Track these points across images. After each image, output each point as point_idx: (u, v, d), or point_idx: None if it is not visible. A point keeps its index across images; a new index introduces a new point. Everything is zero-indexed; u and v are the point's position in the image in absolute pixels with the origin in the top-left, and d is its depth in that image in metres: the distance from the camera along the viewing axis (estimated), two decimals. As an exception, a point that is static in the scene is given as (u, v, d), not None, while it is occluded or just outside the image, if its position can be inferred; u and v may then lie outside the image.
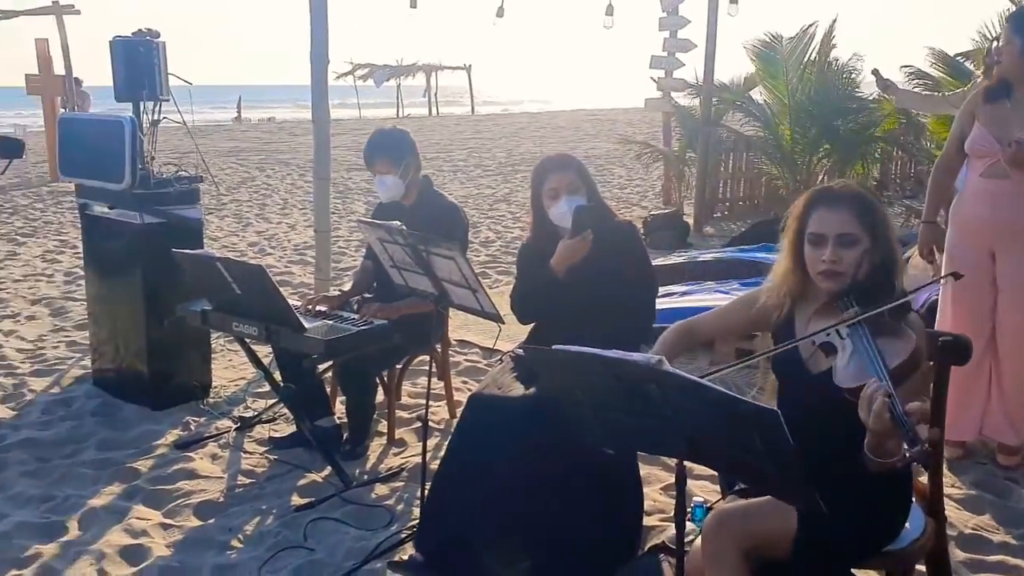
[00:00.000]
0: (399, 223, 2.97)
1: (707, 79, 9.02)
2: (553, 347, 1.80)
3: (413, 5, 8.43)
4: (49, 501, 3.28)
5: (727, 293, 5.27)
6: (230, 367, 4.84)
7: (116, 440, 3.87)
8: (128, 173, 3.99)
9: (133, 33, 5.06)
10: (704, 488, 3.30)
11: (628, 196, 11.96)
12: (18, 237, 8.97)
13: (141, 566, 2.85)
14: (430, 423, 3.95)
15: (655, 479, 3.41)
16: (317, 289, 5.56)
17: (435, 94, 39.12)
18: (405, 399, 4.27)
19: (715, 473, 2.76)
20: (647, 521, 3.03)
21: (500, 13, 10.51)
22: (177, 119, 4.67)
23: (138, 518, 3.14)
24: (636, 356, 1.69)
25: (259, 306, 3.36)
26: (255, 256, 7.99)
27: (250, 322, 3.41)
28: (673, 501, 1.87)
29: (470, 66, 39.84)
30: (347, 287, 4.16)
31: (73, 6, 11.91)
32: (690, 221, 8.99)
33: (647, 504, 3.07)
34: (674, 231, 8.31)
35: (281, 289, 3.35)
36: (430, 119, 34.89)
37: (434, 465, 3.14)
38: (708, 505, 2.69)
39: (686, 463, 1.84)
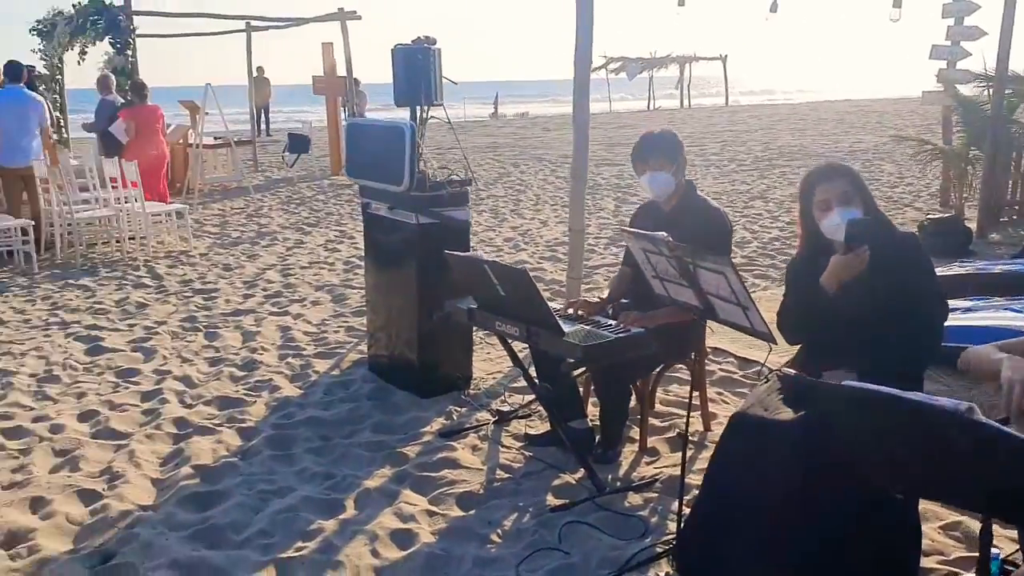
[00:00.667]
0: (665, 235, 2.92)
1: (1000, 69, 8.12)
2: (844, 383, 1.68)
3: (681, 3, 8.31)
4: (330, 479, 3.59)
5: (1021, 312, 4.73)
6: (488, 360, 5.04)
7: (388, 424, 4.16)
8: (407, 176, 4.26)
9: (412, 41, 5.39)
10: (1000, 537, 2.98)
11: (899, 196, 11.08)
12: (304, 227, 9.91)
13: (410, 550, 3.05)
14: (683, 434, 3.91)
15: (933, 515, 3.13)
16: (569, 287, 5.66)
17: (688, 85, 38.48)
18: (658, 407, 4.23)
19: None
20: (924, 562, 2.78)
21: (774, 8, 10.13)
22: (442, 116, 4.95)
23: (406, 503, 3.35)
24: (943, 401, 1.54)
25: (521, 307, 3.46)
26: (510, 252, 8.27)
27: (512, 322, 3.52)
28: (953, 542, 1.69)
29: (725, 56, 38.75)
30: (596, 286, 4.18)
31: (355, 12, 12.92)
32: (972, 226, 8.16)
33: (924, 543, 2.82)
34: (953, 237, 7.59)
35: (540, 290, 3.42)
36: (681, 111, 34.37)
37: (689, 478, 3.09)
38: (1003, 557, 2.42)
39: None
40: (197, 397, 4.58)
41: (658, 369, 3.94)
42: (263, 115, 22.41)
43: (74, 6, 11.84)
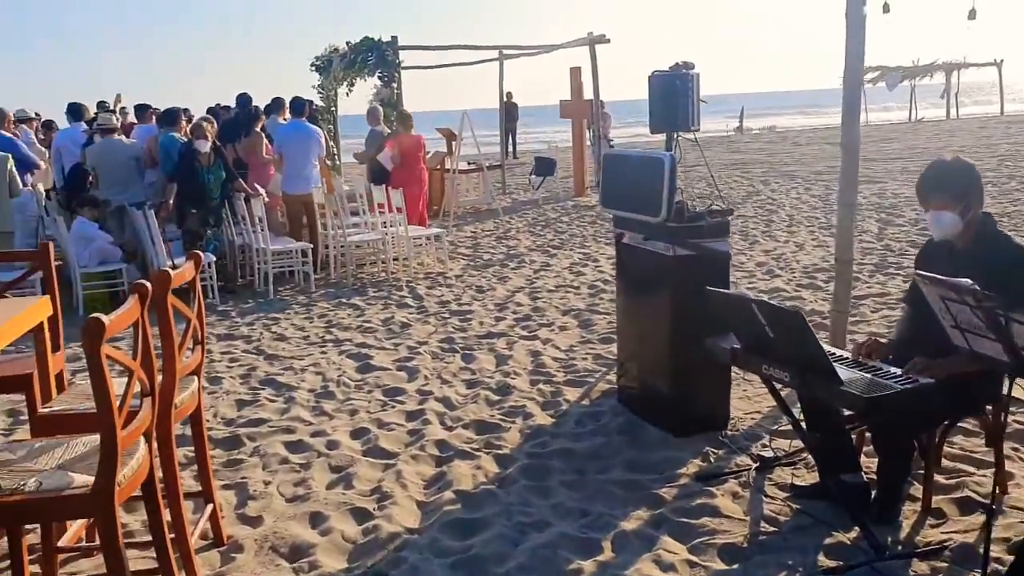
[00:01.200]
0: (970, 282, 2.61)
1: None
2: None
3: (972, 15, 7.63)
4: (586, 516, 3.56)
5: None
6: (744, 397, 4.82)
7: (641, 462, 4.07)
8: (665, 208, 4.17)
9: (670, 67, 5.29)
10: None
11: None
12: (550, 249, 10.09)
13: (673, 602, 2.93)
14: (975, 495, 3.50)
15: None
16: (834, 321, 5.28)
17: (955, 94, 35.26)
18: (943, 462, 3.82)
19: None
20: None
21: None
22: (687, 136, 4.81)
23: (665, 550, 3.24)
24: None
25: (792, 351, 3.25)
26: (763, 278, 7.92)
27: (781, 366, 3.31)
28: None
29: (1001, 61, 35.09)
30: (863, 319, 3.84)
31: (604, 35, 13.04)
32: None
33: None
34: None
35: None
36: (948, 122, 31.56)
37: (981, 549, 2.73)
38: None
39: None
40: (456, 420, 4.74)
41: (946, 422, 3.55)
42: (510, 138, 23.23)
43: (348, 43, 12.89)
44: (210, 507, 3.45)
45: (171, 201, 8.75)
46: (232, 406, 5.13)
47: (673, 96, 5.06)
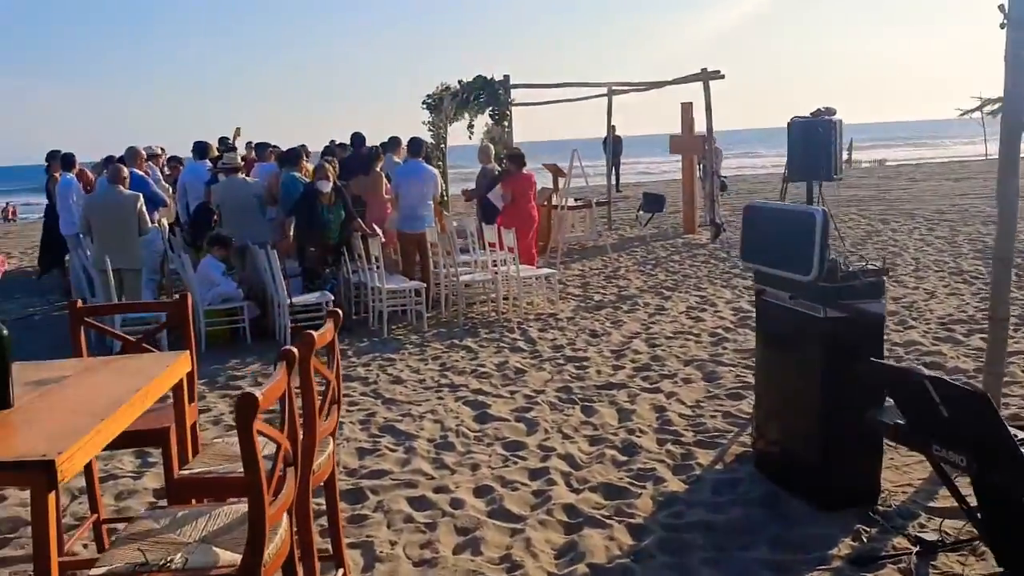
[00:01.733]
0: None
1: None
2: None
3: None
4: (735, 601, 3.31)
5: None
6: (893, 467, 4.47)
7: (787, 539, 3.79)
8: (816, 265, 3.91)
9: (812, 113, 5.04)
10: None
11: None
12: (663, 290, 9.83)
13: None
14: None
15: None
16: (986, 383, 4.87)
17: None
18: None
19: None
20: None
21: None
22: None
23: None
24: None
25: (971, 433, 2.95)
26: (896, 329, 7.47)
27: (956, 449, 3.02)
28: None
29: None
30: (1014, 379, 3.48)
31: (719, 71, 12.76)
32: None
33: None
34: None
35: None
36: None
37: None
38: None
39: None
40: (583, 481, 4.55)
41: None
42: (615, 171, 23.03)
43: (460, 82, 12.99)
44: (340, 572, 3.35)
45: (291, 237, 8.91)
46: (353, 455, 5.07)
47: (815, 144, 4.82)
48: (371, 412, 5.86)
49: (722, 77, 12.78)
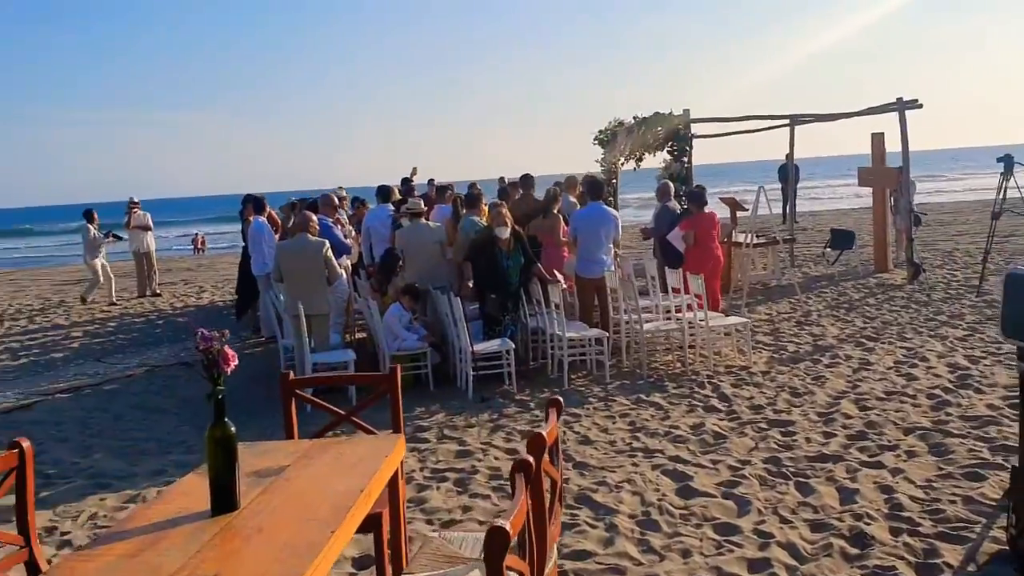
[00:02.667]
0: None
1: None
2: None
3: None
4: None
5: None
6: None
7: None
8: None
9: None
10: None
11: None
12: (863, 340, 9.07)
13: None
14: None
15: None
16: None
17: None
18: None
19: None
20: None
21: None
22: None
23: None
24: None
25: None
26: None
27: None
28: None
29: None
30: None
31: (917, 101, 11.84)
32: None
33: None
34: None
35: None
36: None
37: None
38: None
39: None
40: (811, 579, 4.07)
41: None
42: (790, 202, 21.96)
43: (634, 117, 12.69)
44: None
45: (469, 282, 8.85)
46: (551, 529, 4.80)
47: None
48: (564, 479, 5.57)
49: (920, 106, 11.84)
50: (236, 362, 2.58)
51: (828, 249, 14.50)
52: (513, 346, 8.00)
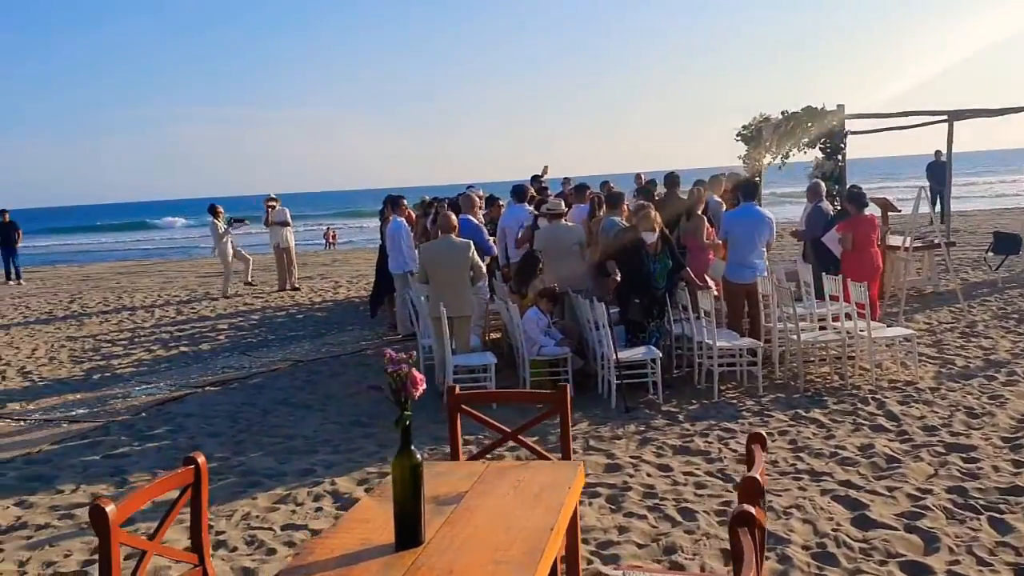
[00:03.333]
0: None
1: None
2: None
3: None
4: None
5: None
6: None
7: None
8: None
9: None
10: None
11: None
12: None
13: None
14: None
15: None
16: None
17: None
18: None
19: None
20: None
21: None
22: None
23: None
24: None
25: None
26: None
27: None
28: None
29: None
30: None
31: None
32: None
33: None
34: None
35: None
36: None
37: None
38: None
39: None
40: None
41: None
42: (939, 200, 20.61)
43: (783, 113, 12.09)
44: None
45: (616, 275, 8.55)
46: (717, 556, 4.49)
47: None
48: (726, 500, 5.25)
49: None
50: (424, 386, 2.42)
51: (990, 253, 13.46)
52: (659, 354, 7.69)
